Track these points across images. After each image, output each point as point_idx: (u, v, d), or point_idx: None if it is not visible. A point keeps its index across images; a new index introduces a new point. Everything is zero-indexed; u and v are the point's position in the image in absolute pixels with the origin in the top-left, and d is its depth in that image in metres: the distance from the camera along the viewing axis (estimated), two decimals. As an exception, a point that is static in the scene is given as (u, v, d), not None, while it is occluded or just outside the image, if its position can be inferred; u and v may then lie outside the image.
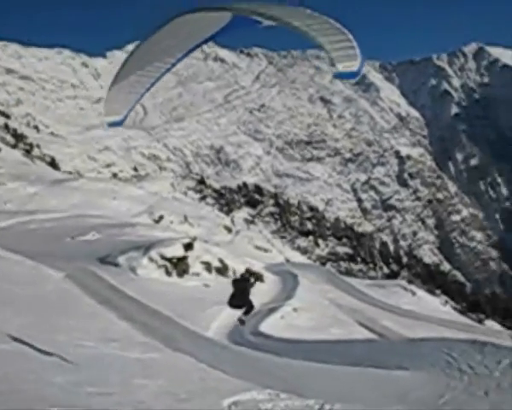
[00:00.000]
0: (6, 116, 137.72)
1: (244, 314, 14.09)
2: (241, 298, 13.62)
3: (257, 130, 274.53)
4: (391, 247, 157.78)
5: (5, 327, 11.04)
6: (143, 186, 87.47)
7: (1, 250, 23.85)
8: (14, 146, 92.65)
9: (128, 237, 40.24)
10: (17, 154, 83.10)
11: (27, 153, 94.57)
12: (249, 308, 14.21)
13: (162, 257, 29.68)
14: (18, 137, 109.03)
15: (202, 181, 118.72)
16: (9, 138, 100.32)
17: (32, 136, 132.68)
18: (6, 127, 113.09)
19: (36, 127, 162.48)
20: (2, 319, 12.17)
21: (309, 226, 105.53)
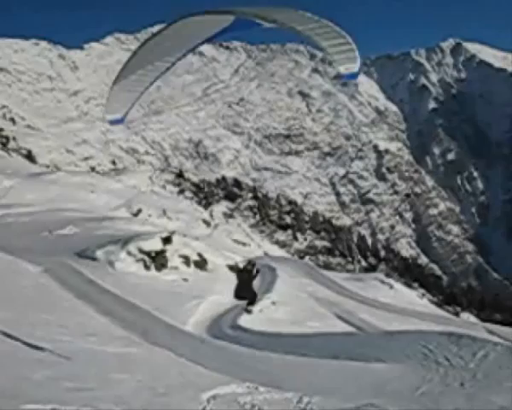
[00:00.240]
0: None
1: (248, 305, 14.70)
2: (246, 289, 14.27)
3: (236, 123, 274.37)
4: (369, 240, 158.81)
5: (-19, 322, 10.93)
6: (121, 180, 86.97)
7: (-24, 244, 23.60)
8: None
9: (106, 231, 39.96)
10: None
11: (3, 146, 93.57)
12: (253, 298, 14.74)
13: (140, 251, 29.52)
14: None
15: (181, 175, 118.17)
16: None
17: (9, 128, 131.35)
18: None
19: (12, 120, 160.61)
20: (-22, 314, 12.05)
21: (287, 220, 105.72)
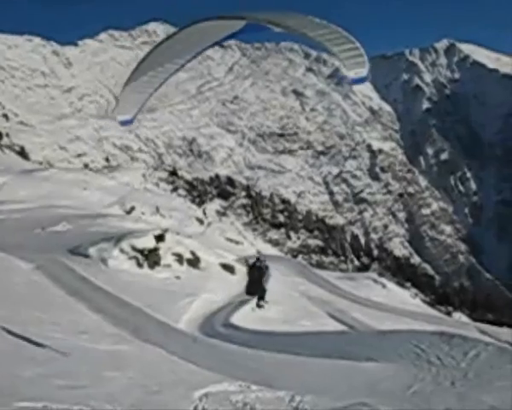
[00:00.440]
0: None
1: (259, 300, 15.14)
2: (257, 286, 15.80)
3: (229, 122, 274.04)
4: (362, 240, 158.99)
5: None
6: (115, 177, 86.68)
7: (-32, 241, 23.51)
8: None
9: (99, 228, 39.88)
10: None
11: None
12: (263, 294, 15.24)
13: (133, 248, 29.48)
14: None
15: (174, 172, 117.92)
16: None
17: (2, 125, 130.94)
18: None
19: (5, 116, 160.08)
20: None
21: (281, 219, 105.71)
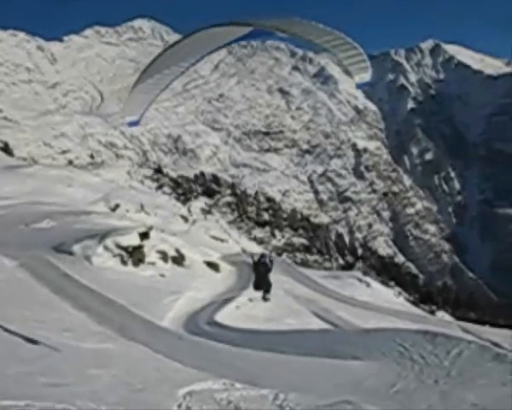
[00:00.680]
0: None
1: (265, 293, 16.90)
2: (263, 281, 16.74)
3: (215, 119, 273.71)
4: (346, 238, 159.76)
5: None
6: (99, 174, 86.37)
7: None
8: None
9: (83, 225, 39.68)
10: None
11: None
12: (268, 287, 16.99)
13: (118, 246, 29.37)
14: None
15: (159, 170, 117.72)
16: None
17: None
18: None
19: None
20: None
21: (265, 217, 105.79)
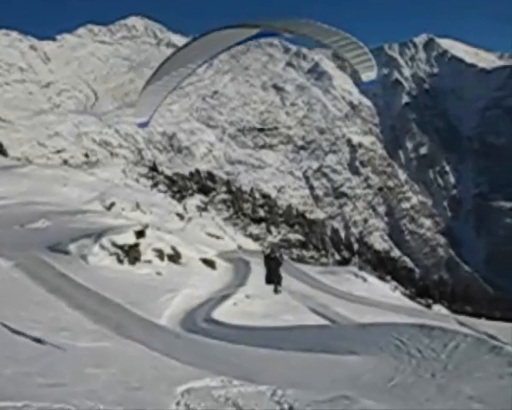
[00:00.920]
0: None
1: (277, 285, 17.66)
2: (275, 274, 17.49)
3: (210, 117, 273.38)
4: (342, 234, 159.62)
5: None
6: (94, 173, 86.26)
7: None
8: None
9: (79, 225, 39.64)
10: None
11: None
12: (279, 280, 17.75)
13: (114, 244, 29.34)
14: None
15: (154, 168, 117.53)
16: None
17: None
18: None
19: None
20: None
21: (261, 213, 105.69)
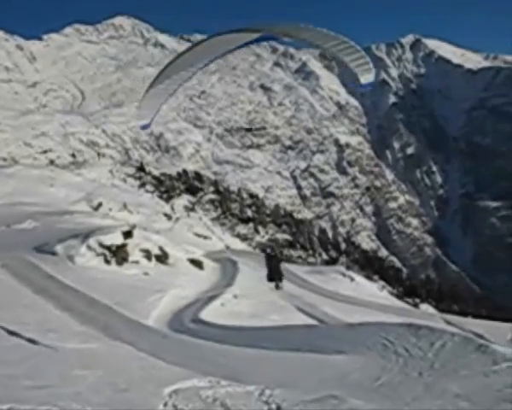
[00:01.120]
0: None
1: (278, 282, 18.37)
2: (276, 272, 18.26)
3: (197, 117, 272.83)
4: (330, 233, 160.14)
5: None
6: (81, 173, 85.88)
7: None
8: None
9: (66, 225, 39.50)
10: None
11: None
12: (281, 277, 18.59)
13: (101, 245, 29.24)
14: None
15: (142, 168, 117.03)
16: None
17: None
18: None
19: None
20: None
21: (249, 213, 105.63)
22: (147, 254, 31.10)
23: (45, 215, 43.98)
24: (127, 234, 31.48)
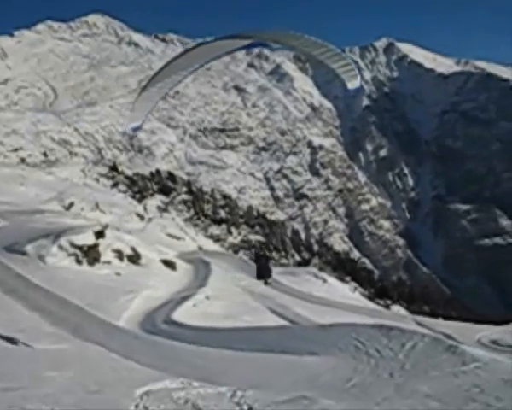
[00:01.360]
0: None
1: (267, 278, 19.66)
2: (265, 270, 19.22)
3: (170, 117, 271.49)
4: (302, 235, 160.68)
5: None
6: (53, 172, 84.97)
7: None
8: None
9: (37, 225, 39.06)
10: None
11: None
12: (269, 274, 19.95)
13: (72, 245, 28.98)
14: None
15: (114, 167, 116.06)
16: None
17: None
18: None
19: None
20: None
21: (222, 214, 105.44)
22: (119, 254, 30.91)
23: (15, 214, 43.43)
24: (99, 234, 31.25)
